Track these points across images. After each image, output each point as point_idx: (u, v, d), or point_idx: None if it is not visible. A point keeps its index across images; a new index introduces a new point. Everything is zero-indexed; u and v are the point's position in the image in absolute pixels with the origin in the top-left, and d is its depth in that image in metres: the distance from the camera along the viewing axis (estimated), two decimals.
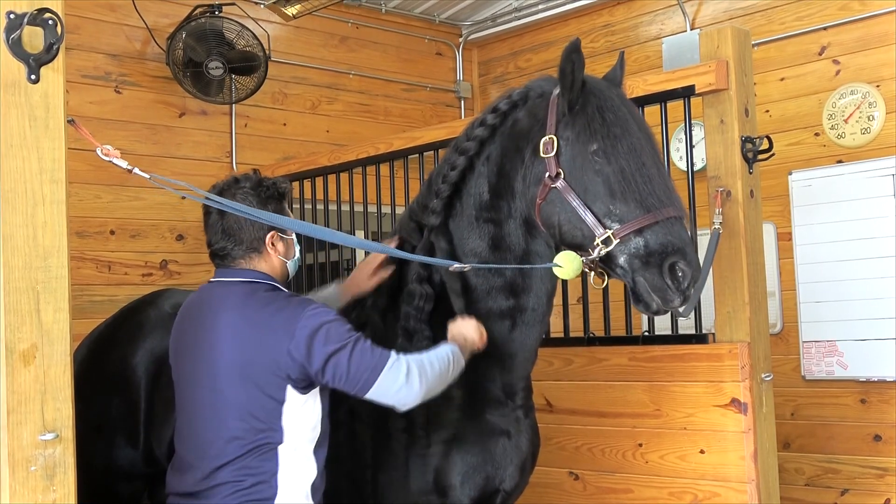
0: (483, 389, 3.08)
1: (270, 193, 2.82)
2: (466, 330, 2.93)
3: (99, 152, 2.45)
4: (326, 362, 2.61)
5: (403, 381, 2.63)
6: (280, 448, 2.67)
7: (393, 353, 2.68)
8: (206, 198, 2.71)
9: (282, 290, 2.83)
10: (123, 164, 2.47)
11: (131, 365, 3.50)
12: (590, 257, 2.77)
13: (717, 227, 3.49)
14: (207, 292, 2.86)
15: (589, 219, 2.77)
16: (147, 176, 2.53)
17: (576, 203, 2.79)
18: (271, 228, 2.79)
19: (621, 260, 2.75)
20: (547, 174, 2.85)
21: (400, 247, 3.15)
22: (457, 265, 2.89)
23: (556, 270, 2.83)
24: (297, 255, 2.94)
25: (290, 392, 2.66)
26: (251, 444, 2.65)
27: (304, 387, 2.68)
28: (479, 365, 3.01)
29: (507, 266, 2.99)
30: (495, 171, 3.03)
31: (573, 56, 2.80)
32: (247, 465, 2.65)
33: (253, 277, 2.79)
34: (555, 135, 2.85)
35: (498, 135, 3.04)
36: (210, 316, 2.77)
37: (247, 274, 2.80)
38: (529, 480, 3.26)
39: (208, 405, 2.72)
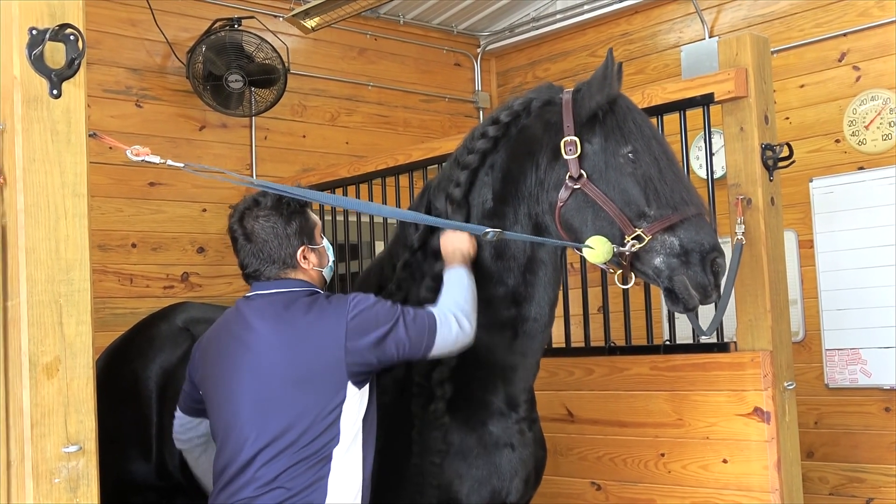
0: (485, 401, 3.06)
1: (293, 208, 2.83)
2: (459, 242, 2.96)
3: (129, 153, 2.46)
4: (386, 342, 2.68)
5: (457, 328, 2.76)
6: (335, 451, 2.66)
7: (432, 309, 2.77)
8: (241, 180, 2.69)
9: (320, 293, 2.83)
10: (156, 159, 2.48)
11: (142, 379, 3.52)
12: (621, 250, 2.79)
13: (740, 237, 3.48)
14: (244, 307, 2.83)
15: (620, 218, 2.79)
16: (181, 165, 2.56)
17: (606, 203, 2.81)
18: (301, 243, 2.81)
19: (657, 261, 2.79)
20: (568, 175, 2.86)
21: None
22: (490, 231, 2.85)
23: (585, 252, 2.83)
24: (331, 260, 2.95)
25: (350, 389, 2.68)
26: (305, 451, 2.63)
27: (362, 380, 2.71)
28: (480, 377, 3.02)
29: (544, 240, 2.97)
30: (500, 177, 3.02)
31: (613, 61, 2.86)
32: (299, 473, 2.63)
33: (291, 287, 2.80)
34: (577, 136, 2.86)
35: (502, 145, 3.03)
36: (250, 331, 2.75)
37: (285, 284, 2.80)
38: (551, 491, 3.25)
39: (257, 418, 2.68)
